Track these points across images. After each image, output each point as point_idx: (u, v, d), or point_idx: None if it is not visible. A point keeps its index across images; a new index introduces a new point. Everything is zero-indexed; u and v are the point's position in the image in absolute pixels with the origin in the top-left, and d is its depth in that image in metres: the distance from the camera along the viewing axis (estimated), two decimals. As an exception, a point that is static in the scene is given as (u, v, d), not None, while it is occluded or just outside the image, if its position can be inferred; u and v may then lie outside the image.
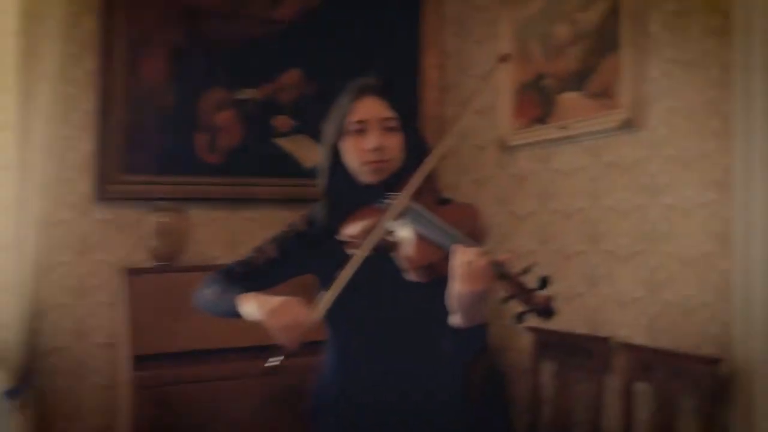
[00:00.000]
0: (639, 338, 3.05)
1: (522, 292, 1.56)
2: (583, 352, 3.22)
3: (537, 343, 3.45)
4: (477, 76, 4.08)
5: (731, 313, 2.62)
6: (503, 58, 1.94)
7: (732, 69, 2.66)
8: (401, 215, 1.79)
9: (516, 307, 1.57)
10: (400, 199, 1.80)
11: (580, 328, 3.33)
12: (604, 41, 3.25)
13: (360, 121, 1.90)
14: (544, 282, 1.56)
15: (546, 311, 1.56)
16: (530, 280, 1.57)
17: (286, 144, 4.01)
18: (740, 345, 2.59)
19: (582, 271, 3.33)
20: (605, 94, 3.22)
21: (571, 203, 3.42)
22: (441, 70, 4.27)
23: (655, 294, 2.99)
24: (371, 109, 1.91)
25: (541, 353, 3.43)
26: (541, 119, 3.60)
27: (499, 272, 1.57)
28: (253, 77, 3.94)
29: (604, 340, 3.16)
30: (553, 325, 3.36)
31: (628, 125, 3.10)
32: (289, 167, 3.99)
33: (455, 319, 1.68)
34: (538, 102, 3.63)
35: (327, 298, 1.72)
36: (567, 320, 3.37)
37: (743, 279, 2.62)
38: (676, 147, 2.92)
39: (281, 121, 4.00)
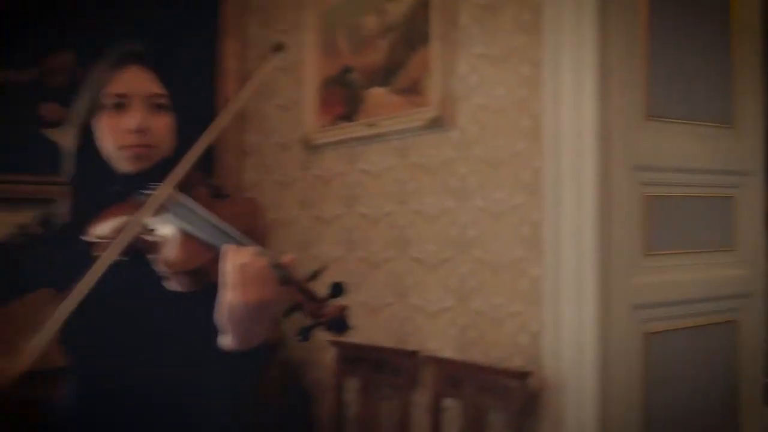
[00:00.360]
0: (448, 351, 2.89)
1: (309, 301, 1.27)
2: (390, 367, 3.02)
3: (340, 358, 3.20)
4: (282, 69, 3.76)
5: (541, 323, 2.56)
6: (276, 48, 1.64)
7: (542, 67, 2.58)
8: (163, 209, 1.43)
9: (303, 319, 1.27)
10: (162, 190, 1.43)
11: (388, 341, 3.12)
12: (413, 34, 3.06)
13: (120, 95, 1.54)
14: (337, 289, 1.28)
15: (338, 324, 1.28)
16: (320, 287, 1.27)
17: (55, 136, 3.46)
18: (550, 356, 2.53)
19: (390, 280, 3.15)
20: (414, 90, 3.05)
21: (378, 207, 3.22)
22: (242, 60, 3.91)
23: (464, 303, 2.85)
24: (135, 81, 1.56)
25: (345, 369, 3.19)
26: (348, 116, 3.37)
27: (282, 277, 1.26)
28: (14, 56, 3.35)
29: (412, 354, 2.97)
30: (358, 338, 3.19)
31: (437, 123, 2.93)
32: (59, 162, 3.43)
33: (227, 340, 1.33)
34: (344, 98, 3.39)
35: (48, 328, 1.29)
36: (373, 333, 3.16)
37: (553, 286, 2.53)
38: (486, 147, 2.79)
39: (49, 110, 3.44)
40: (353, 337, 1.33)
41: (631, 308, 2.50)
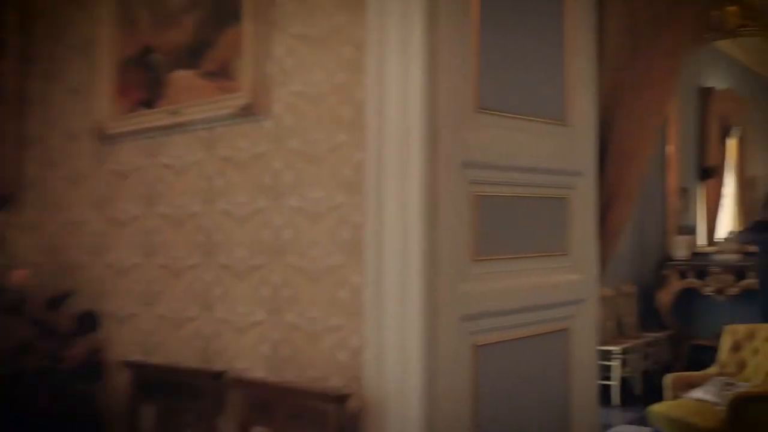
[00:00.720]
0: (259, 370, 2.64)
1: (46, 338, 0.91)
2: (193, 391, 2.71)
3: (135, 382, 2.83)
4: (72, 46, 3.31)
5: (362, 338, 2.36)
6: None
7: (365, 49, 2.37)
8: None
9: (37, 362, 0.91)
10: None
11: (191, 360, 2.83)
12: (223, 10, 2.80)
13: None
14: (87, 322, 0.93)
15: (87, 371, 0.93)
16: (64, 319, 0.92)
17: None
18: (372, 374, 2.32)
19: (194, 290, 2.86)
20: (223, 74, 2.79)
21: (182, 206, 2.94)
22: (22, 35, 3.38)
23: (277, 316, 2.61)
24: None
25: (140, 394, 2.84)
26: (149, 102, 3.06)
27: (6, 303, 0.89)
28: None
29: (217, 376, 2.68)
30: (156, 358, 2.86)
31: (249, 112, 2.69)
32: None
33: None
34: (144, 81, 3.08)
35: None
36: (174, 351, 2.85)
37: (375, 297, 2.31)
38: (303, 139, 2.57)
39: None
40: (151, 356, 0.99)
41: (458, 319, 2.31)
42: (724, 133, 7.12)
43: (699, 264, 6.41)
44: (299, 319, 2.53)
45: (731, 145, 7.16)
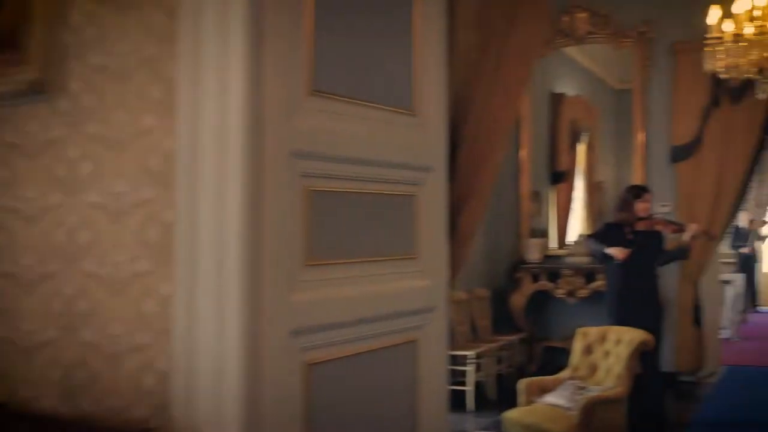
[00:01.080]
0: (49, 399, 2.38)
1: None
2: None
3: None
4: None
5: (171, 358, 2.13)
6: None
7: (178, 16, 2.13)
8: None
9: None
10: None
11: None
12: None
13: None
14: None
15: None
16: None
17: None
18: (182, 402, 2.10)
19: None
20: (9, 44, 2.52)
21: None
22: None
23: (71, 335, 2.34)
24: None
25: None
26: None
27: None
28: None
29: None
30: None
31: (40, 89, 2.45)
32: None
33: None
34: None
35: None
36: None
37: (188, 309, 2.08)
38: (103, 123, 2.34)
39: None
40: None
41: (288, 334, 2.13)
42: (574, 139, 7.29)
43: (551, 267, 6.52)
44: (98, 337, 2.30)
45: (581, 150, 7.32)
